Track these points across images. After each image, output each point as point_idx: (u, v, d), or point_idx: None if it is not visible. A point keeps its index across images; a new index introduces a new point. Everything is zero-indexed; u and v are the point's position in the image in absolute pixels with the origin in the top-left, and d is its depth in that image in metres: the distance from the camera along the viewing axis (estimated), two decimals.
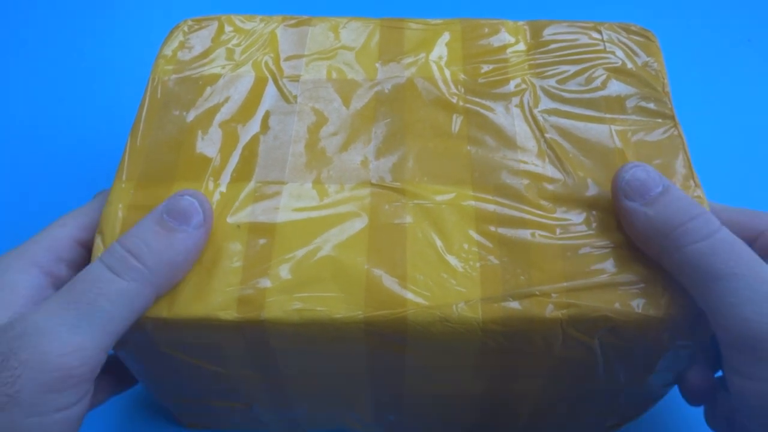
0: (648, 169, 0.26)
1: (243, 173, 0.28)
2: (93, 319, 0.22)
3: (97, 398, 0.28)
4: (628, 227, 0.26)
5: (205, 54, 0.32)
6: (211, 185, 0.28)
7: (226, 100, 0.31)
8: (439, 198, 0.27)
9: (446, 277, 0.25)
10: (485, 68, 0.32)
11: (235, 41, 0.33)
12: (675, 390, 0.30)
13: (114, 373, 0.30)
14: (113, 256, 0.24)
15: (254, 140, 0.29)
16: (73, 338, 0.22)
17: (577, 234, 0.26)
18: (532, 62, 0.32)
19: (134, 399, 0.36)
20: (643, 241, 0.25)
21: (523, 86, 0.31)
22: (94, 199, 0.29)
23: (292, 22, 0.34)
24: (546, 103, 0.30)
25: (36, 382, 0.22)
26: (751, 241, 0.26)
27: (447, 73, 0.32)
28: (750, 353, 0.23)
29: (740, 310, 0.22)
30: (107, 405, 0.30)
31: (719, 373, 0.29)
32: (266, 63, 0.32)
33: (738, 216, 0.27)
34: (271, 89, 0.31)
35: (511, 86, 0.31)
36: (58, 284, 0.25)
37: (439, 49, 0.33)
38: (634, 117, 0.30)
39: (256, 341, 0.26)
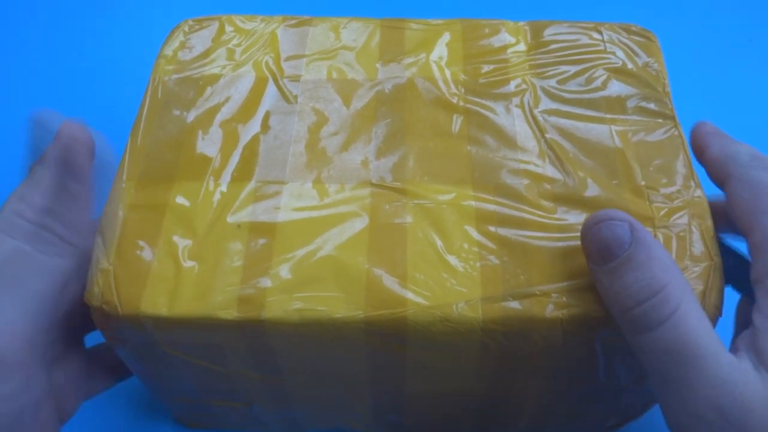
0: (615, 227, 0.23)
1: (243, 173, 0.28)
2: (15, 296, 0.21)
3: (91, 388, 0.28)
4: (598, 290, 0.24)
5: (206, 54, 0.32)
6: (211, 185, 0.28)
7: (227, 100, 0.31)
8: (439, 198, 0.27)
9: (446, 277, 0.25)
10: (486, 68, 0.32)
11: (235, 41, 0.33)
12: None
13: (107, 362, 0.29)
14: (23, 230, 0.23)
15: (255, 140, 0.29)
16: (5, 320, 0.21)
17: (577, 234, 0.26)
18: (532, 62, 0.32)
19: (134, 399, 0.36)
20: (609, 310, 0.24)
21: (524, 86, 0.31)
22: (33, 175, 0.26)
23: (293, 22, 0.34)
24: (546, 104, 0.31)
25: None
26: (745, 234, 0.25)
27: (447, 73, 0.32)
28: None
29: (671, 419, 0.22)
30: (107, 405, 0.30)
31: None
32: (267, 63, 0.32)
33: (735, 209, 0.25)
34: (271, 89, 0.31)
35: (512, 86, 0.31)
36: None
37: (440, 50, 0.33)
38: (634, 117, 0.30)
39: (257, 341, 0.26)
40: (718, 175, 0.26)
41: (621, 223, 0.23)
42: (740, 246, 0.26)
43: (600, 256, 0.23)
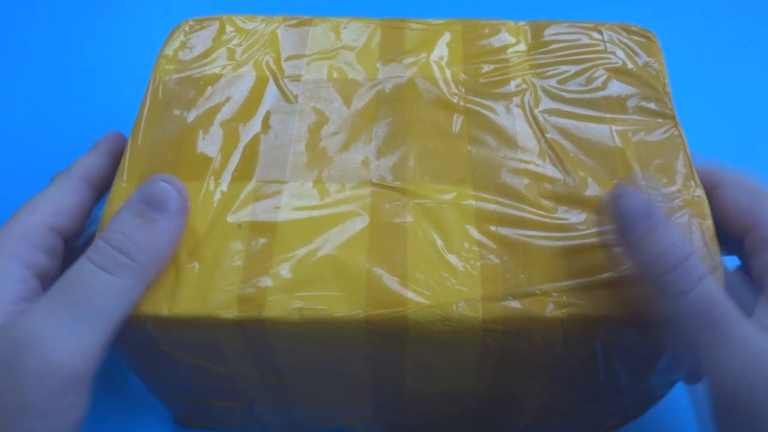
0: (637, 198, 0.24)
1: (244, 172, 0.28)
2: (91, 318, 0.22)
3: None
4: (623, 257, 0.25)
5: (206, 54, 0.32)
6: (212, 184, 0.28)
7: (227, 99, 0.31)
8: (439, 197, 0.27)
9: (447, 276, 0.25)
10: (486, 68, 0.32)
11: (236, 41, 0.33)
12: (675, 390, 0.30)
13: None
14: (101, 254, 0.23)
15: (255, 140, 0.29)
16: (76, 340, 0.22)
17: (577, 234, 0.26)
18: (532, 62, 0.32)
19: (134, 399, 0.36)
20: (637, 275, 0.24)
21: (524, 86, 0.31)
22: (53, 183, 0.28)
23: (293, 22, 0.34)
24: (547, 103, 0.31)
25: (46, 389, 0.22)
26: (744, 234, 0.26)
27: (448, 73, 0.32)
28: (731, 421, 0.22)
29: (719, 377, 0.22)
30: (107, 405, 0.30)
31: None
32: (267, 63, 0.32)
33: (732, 210, 0.27)
34: (272, 89, 0.31)
35: (512, 86, 0.31)
36: (41, 274, 0.25)
37: (440, 49, 0.33)
38: (634, 117, 0.30)
39: (257, 340, 0.26)
40: (704, 184, 0.28)
41: (639, 197, 0.24)
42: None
43: (634, 218, 0.23)
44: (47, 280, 0.25)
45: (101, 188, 0.29)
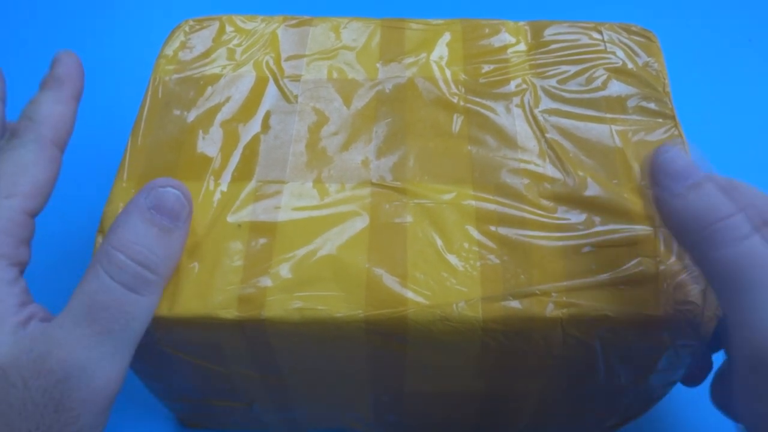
0: (683, 156, 0.23)
1: (244, 172, 0.28)
2: (128, 342, 0.23)
3: None
4: (659, 214, 0.24)
5: (206, 54, 0.32)
6: (211, 184, 0.28)
7: (227, 99, 0.31)
8: (439, 197, 0.27)
9: (447, 276, 0.25)
10: (486, 68, 0.32)
11: (236, 41, 0.33)
12: (675, 390, 0.30)
13: None
14: (128, 273, 0.23)
15: (255, 140, 0.29)
16: (117, 366, 0.22)
17: (577, 234, 0.26)
18: (532, 62, 0.32)
19: (134, 399, 0.36)
20: (673, 233, 0.24)
21: (524, 86, 0.31)
22: (24, 147, 0.24)
23: (293, 22, 0.34)
24: (547, 103, 0.31)
25: (93, 414, 0.22)
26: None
27: (448, 73, 0.32)
28: None
29: (757, 328, 0.21)
30: None
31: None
32: (267, 63, 0.32)
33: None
34: (272, 89, 0.31)
35: (512, 86, 0.31)
36: (23, 269, 0.24)
37: (440, 49, 0.33)
38: (634, 117, 0.30)
39: (257, 340, 0.26)
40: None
41: (686, 155, 0.23)
42: None
43: (669, 179, 0.23)
44: (23, 271, 0.24)
45: (65, 146, 0.26)
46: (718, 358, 0.28)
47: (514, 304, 0.25)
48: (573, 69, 0.32)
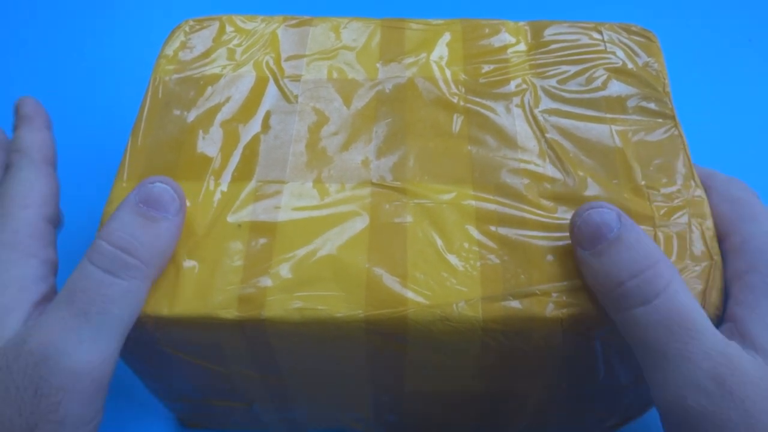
0: (603, 213, 0.24)
1: (244, 172, 0.28)
2: (108, 327, 0.23)
3: None
4: (581, 274, 0.25)
5: (207, 54, 0.32)
6: (212, 184, 0.28)
7: (227, 99, 0.31)
8: (439, 197, 0.27)
9: (447, 276, 0.25)
10: (486, 68, 0.32)
11: (236, 41, 0.33)
12: None
13: None
14: (106, 256, 0.23)
15: (255, 140, 0.29)
16: (97, 350, 0.22)
17: None
18: (532, 62, 0.32)
19: (134, 399, 0.36)
20: (594, 291, 0.24)
21: (524, 86, 0.31)
22: (21, 169, 0.27)
23: (293, 22, 0.34)
24: (547, 103, 0.31)
25: (76, 402, 0.22)
26: (720, 240, 0.26)
27: (448, 73, 0.32)
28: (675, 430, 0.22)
29: (665, 392, 0.22)
30: (107, 405, 0.30)
31: None
32: (267, 63, 0.32)
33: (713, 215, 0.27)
34: (272, 89, 0.31)
35: (512, 86, 0.31)
36: (54, 269, 0.26)
37: (440, 49, 0.33)
38: (634, 117, 0.30)
39: (257, 340, 0.26)
40: None
41: (609, 209, 0.24)
42: None
43: (590, 238, 0.24)
44: (56, 273, 0.26)
45: (56, 165, 0.29)
46: None
47: (514, 304, 0.25)
48: (573, 69, 0.32)
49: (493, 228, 0.27)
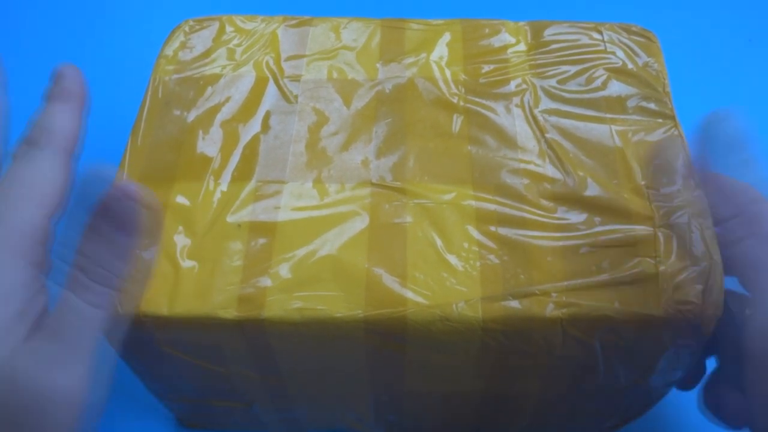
0: (742, 125, 0.24)
1: (244, 173, 0.28)
2: (79, 356, 0.22)
3: None
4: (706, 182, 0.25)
5: (206, 54, 0.32)
6: (211, 184, 0.28)
7: (227, 99, 0.31)
8: (439, 197, 0.27)
9: (446, 276, 0.25)
10: (486, 68, 0.32)
11: (236, 41, 0.33)
12: (674, 391, 0.30)
13: None
14: (91, 291, 0.22)
15: (255, 140, 0.29)
16: (66, 373, 0.22)
17: (577, 234, 0.26)
18: (532, 62, 0.32)
19: (134, 399, 0.36)
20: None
21: (524, 86, 0.31)
22: (40, 158, 0.25)
23: (293, 22, 0.34)
24: (546, 103, 0.31)
25: (61, 426, 0.22)
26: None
27: (448, 73, 0.32)
28: None
29: None
30: (107, 405, 0.30)
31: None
32: (267, 63, 0.32)
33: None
34: (271, 89, 0.31)
35: (512, 86, 0.31)
36: (43, 270, 0.24)
37: (440, 50, 0.33)
38: (634, 117, 0.30)
39: (257, 340, 0.26)
40: None
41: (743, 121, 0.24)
42: None
43: (737, 143, 0.24)
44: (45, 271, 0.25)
45: (77, 157, 0.27)
46: (710, 364, 0.29)
47: (514, 304, 0.25)
48: (573, 69, 0.32)
49: (492, 228, 0.27)
